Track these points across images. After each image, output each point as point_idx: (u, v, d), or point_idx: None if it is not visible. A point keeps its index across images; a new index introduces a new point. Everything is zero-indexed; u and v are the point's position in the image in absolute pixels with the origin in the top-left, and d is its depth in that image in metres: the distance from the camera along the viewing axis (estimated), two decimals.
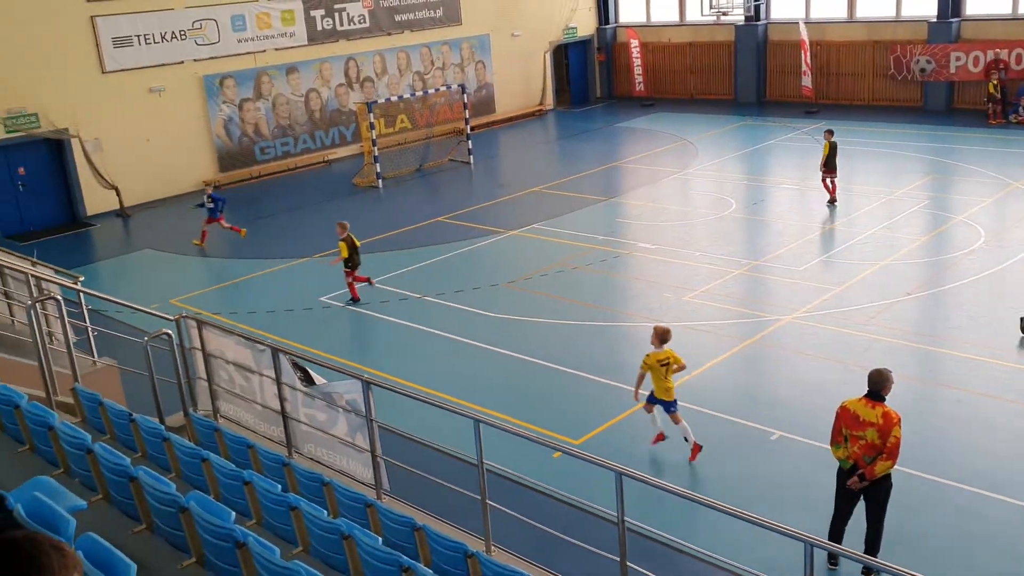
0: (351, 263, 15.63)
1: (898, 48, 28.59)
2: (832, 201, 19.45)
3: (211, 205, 19.47)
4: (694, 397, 11.70)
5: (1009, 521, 8.99)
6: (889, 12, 29.34)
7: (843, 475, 7.99)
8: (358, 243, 15.79)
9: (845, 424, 7.85)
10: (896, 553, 8.38)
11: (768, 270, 16.18)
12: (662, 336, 10.28)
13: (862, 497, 7.96)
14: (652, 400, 10.37)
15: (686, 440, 10.27)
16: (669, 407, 10.28)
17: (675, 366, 10.19)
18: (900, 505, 8.91)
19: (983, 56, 27.08)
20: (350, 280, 15.77)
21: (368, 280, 16.00)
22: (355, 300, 15.80)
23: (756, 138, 26.89)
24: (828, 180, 19.42)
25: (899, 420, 7.71)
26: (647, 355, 10.26)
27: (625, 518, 6.07)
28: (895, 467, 7.84)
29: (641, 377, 10.31)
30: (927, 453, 10.13)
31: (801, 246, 17.23)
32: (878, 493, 7.88)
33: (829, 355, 12.61)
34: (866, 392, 7.88)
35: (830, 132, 19.52)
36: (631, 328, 14.38)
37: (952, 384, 11.72)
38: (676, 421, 10.29)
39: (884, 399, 7.82)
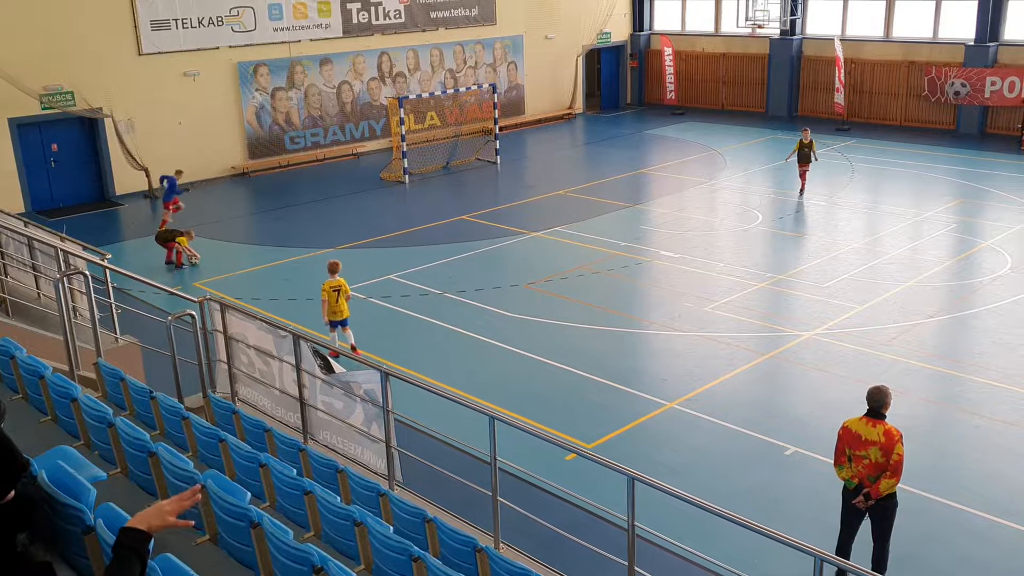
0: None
1: (933, 70, 28.39)
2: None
3: (163, 186, 20.39)
4: (711, 409, 11.70)
5: (1020, 549, 8.92)
6: (926, 33, 29.14)
7: (848, 495, 7.94)
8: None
9: (847, 444, 7.80)
10: (904, 574, 8.34)
11: (791, 285, 16.12)
12: (332, 268, 13.07)
13: (867, 516, 7.91)
14: (333, 325, 13.10)
15: (352, 348, 12.88)
16: (344, 323, 13.11)
17: (345, 292, 13.06)
18: (911, 527, 8.87)
19: (1019, 82, 26.85)
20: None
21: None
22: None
23: (785, 152, 26.69)
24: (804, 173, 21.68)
25: (901, 437, 7.66)
26: (324, 284, 12.99)
27: (635, 523, 6.08)
28: (902, 486, 7.80)
29: (325, 303, 12.99)
30: (942, 477, 10.08)
31: (825, 263, 17.16)
32: (884, 512, 7.82)
33: (848, 373, 12.55)
34: (866, 411, 7.81)
35: (808, 130, 21.90)
36: (649, 335, 14.37)
37: (971, 409, 11.64)
38: (345, 331, 13.13)
39: (885, 417, 7.77)
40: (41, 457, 4.71)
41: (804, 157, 21.38)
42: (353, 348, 13.03)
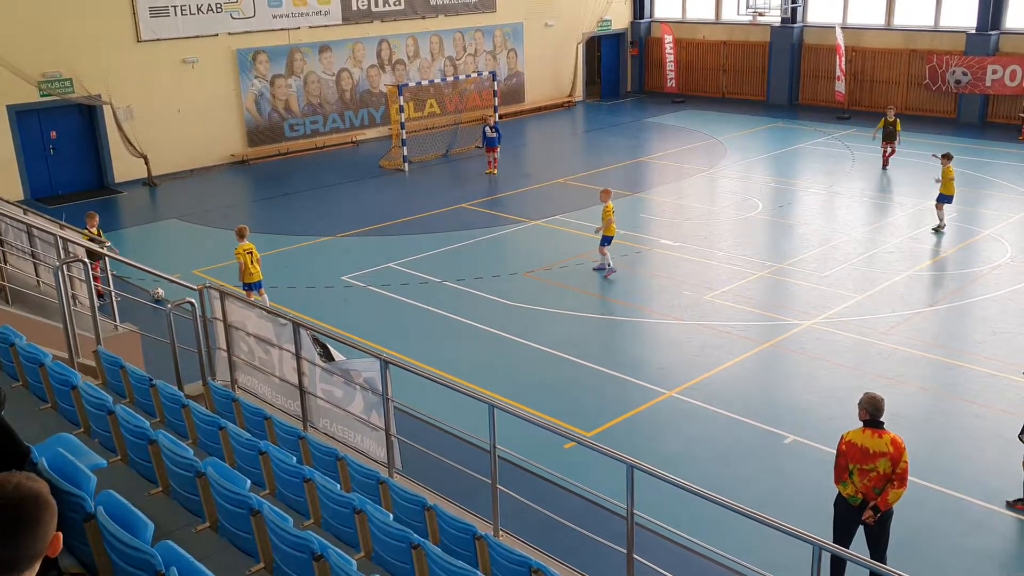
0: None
1: (934, 58, 28.31)
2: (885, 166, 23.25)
3: (492, 135, 23.21)
4: (710, 397, 11.72)
5: (1018, 537, 8.95)
6: (927, 21, 29.04)
7: (846, 510, 7.64)
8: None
9: (852, 459, 7.47)
10: (902, 564, 8.36)
11: (791, 274, 16.12)
12: (241, 232, 14.00)
13: (862, 528, 7.68)
14: (249, 287, 13.85)
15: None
16: (259, 286, 14.04)
17: (255, 256, 13.93)
18: (910, 517, 8.89)
19: (1020, 70, 26.78)
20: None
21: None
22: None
23: (786, 141, 26.74)
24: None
25: (905, 445, 7.50)
26: (237, 248, 13.80)
27: (634, 511, 6.09)
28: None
29: (243, 266, 13.74)
30: (940, 466, 10.10)
31: (825, 252, 17.15)
32: (883, 523, 7.63)
33: (848, 362, 12.56)
34: (866, 422, 7.54)
35: (894, 109, 23.41)
36: (648, 324, 14.38)
37: (970, 398, 11.65)
38: (262, 295, 13.98)
39: (883, 424, 7.56)
40: (41, 445, 4.72)
41: (888, 135, 22.53)
42: None
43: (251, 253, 13.88)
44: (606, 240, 15.99)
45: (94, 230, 14.60)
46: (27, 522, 2.27)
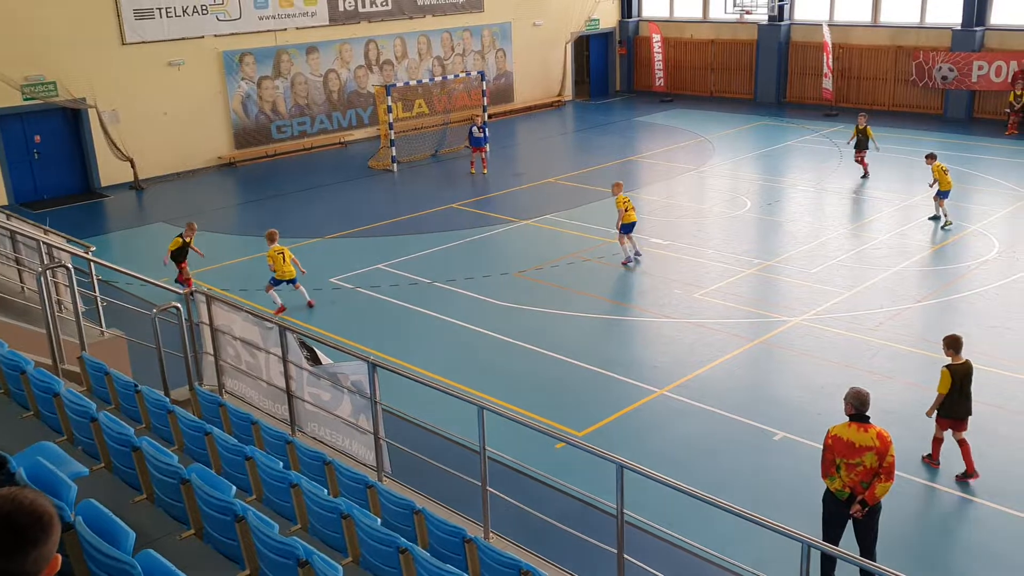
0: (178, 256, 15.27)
1: (921, 55, 28.39)
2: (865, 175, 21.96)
3: (480, 135, 23.14)
4: (700, 394, 11.70)
5: (1005, 531, 8.96)
6: (913, 18, 29.13)
7: (833, 505, 7.65)
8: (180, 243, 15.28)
9: (839, 454, 7.47)
10: (890, 559, 8.36)
11: (779, 271, 16.12)
12: (271, 236, 14.71)
13: (851, 522, 7.69)
14: (274, 283, 14.64)
15: (304, 299, 14.87)
16: (293, 282, 14.74)
17: (290, 255, 14.67)
18: (897, 511, 8.89)
19: (1006, 66, 26.87)
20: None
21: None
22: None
23: (774, 138, 26.77)
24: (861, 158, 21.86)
25: (891, 439, 7.50)
26: (270, 251, 14.61)
27: (624, 511, 6.06)
28: None
29: (272, 266, 14.52)
30: None
31: (814, 248, 17.16)
32: (871, 517, 7.63)
33: (836, 359, 12.56)
34: (852, 416, 7.55)
35: (865, 116, 21.79)
36: (639, 323, 14.36)
37: None
38: (296, 287, 14.76)
39: (869, 419, 7.57)
40: (21, 454, 4.65)
41: (859, 144, 21.47)
42: (282, 308, 14.52)
43: (282, 254, 14.63)
44: (625, 228, 16.42)
45: (189, 239, 15.42)
46: (39, 540, 2.34)
